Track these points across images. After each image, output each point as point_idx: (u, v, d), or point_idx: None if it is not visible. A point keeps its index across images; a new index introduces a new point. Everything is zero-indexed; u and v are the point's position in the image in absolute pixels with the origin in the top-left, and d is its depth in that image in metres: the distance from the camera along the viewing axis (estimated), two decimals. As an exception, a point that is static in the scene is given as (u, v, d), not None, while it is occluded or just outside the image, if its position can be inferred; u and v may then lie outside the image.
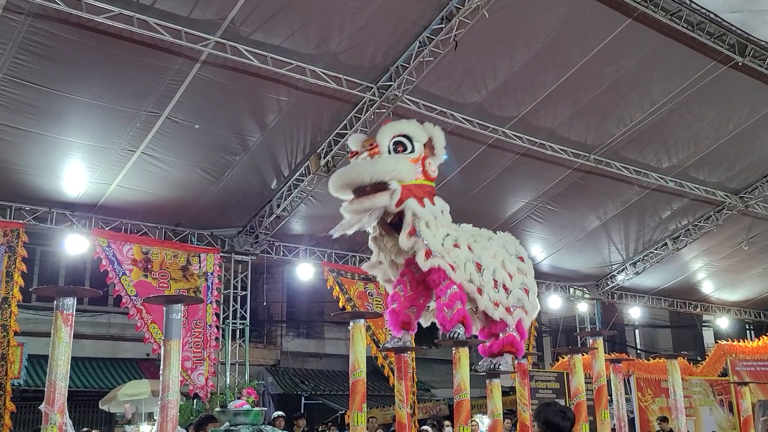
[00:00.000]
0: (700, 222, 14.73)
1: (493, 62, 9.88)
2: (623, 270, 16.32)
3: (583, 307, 17.23)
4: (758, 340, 16.20)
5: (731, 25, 9.87)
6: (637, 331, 24.94)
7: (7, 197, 10.34)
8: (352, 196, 4.71)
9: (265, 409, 8.42)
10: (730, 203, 14.09)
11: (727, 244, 15.73)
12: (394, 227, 4.82)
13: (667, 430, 11.90)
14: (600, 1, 9.16)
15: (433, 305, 4.95)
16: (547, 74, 10.21)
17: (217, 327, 11.91)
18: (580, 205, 13.63)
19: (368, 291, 13.35)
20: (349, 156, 4.84)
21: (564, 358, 13.56)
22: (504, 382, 5.89)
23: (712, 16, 9.68)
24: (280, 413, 11.14)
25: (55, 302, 3.49)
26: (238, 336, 12.56)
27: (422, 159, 4.84)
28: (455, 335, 4.58)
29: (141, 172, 10.21)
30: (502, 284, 5.02)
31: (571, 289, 16.90)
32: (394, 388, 5.16)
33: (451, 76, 9.93)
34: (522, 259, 5.41)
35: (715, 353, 15.54)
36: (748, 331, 22.64)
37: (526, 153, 11.61)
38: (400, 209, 4.64)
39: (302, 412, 13.81)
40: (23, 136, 9.18)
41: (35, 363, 13.82)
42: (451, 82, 10.05)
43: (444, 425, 11.96)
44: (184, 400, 11.67)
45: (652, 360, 14.66)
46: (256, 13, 8.31)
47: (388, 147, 4.71)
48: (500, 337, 5.07)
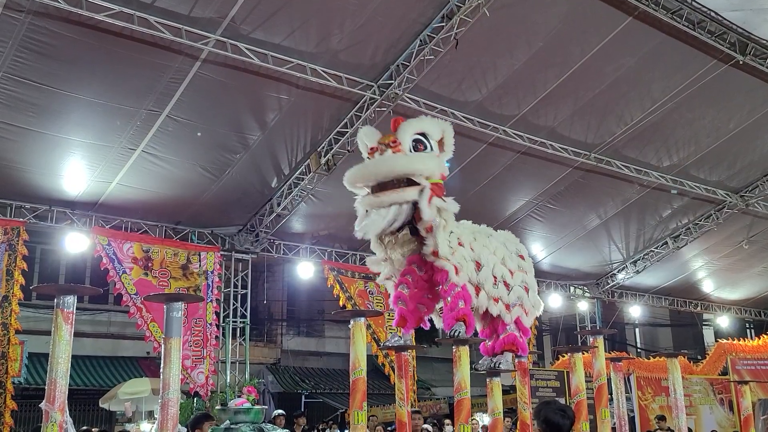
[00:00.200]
0: (701, 221, 14.72)
1: (493, 61, 9.88)
2: (623, 269, 16.31)
3: (584, 306, 17.23)
4: (758, 338, 16.20)
5: (732, 23, 9.86)
6: (638, 330, 24.94)
7: (8, 195, 10.34)
8: (369, 191, 4.53)
9: (266, 407, 8.44)
10: (731, 202, 14.08)
11: (728, 243, 15.73)
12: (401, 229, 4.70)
13: (665, 428, 11.90)
14: (601, 0, 9.16)
15: (441, 305, 4.95)
16: (547, 73, 10.21)
17: (218, 325, 11.92)
18: (581, 203, 13.63)
19: (368, 289, 13.35)
20: (369, 152, 4.59)
21: (564, 356, 13.55)
22: (504, 381, 5.88)
23: (712, 14, 9.67)
24: (280, 412, 11.15)
25: (56, 300, 3.48)
26: (239, 334, 12.57)
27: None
28: (456, 333, 4.58)
29: (141, 171, 10.21)
30: (502, 281, 5.02)
31: (572, 288, 16.90)
32: (395, 386, 5.17)
33: (451, 74, 9.92)
34: (522, 257, 5.40)
35: (716, 352, 15.53)
36: (749, 330, 22.64)
37: (526, 151, 11.61)
38: (433, 210, 4.50)
39: (302, 411, 13.79)
40: (23, 135, 9.18)
41: (35, 361, 13.83)
42: (452, 80, 10.05)
43: (444, 424, 11.92)
44: (185, 399, 11.67)
45: (652, 359, 14.66)
46: (256, 12, 8.30)
47: (409, 146, 4.60)
48: (501, 336, 5.07)
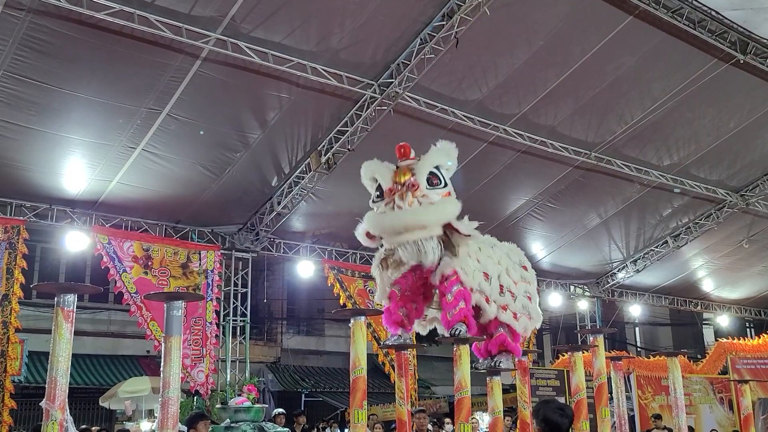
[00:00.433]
0: (701, 220, 14.72)
1: (494, 59, 9.87)
2: (624, 268, 16.31)
3: (584, 305, 17.23)
4: (758, 338, 16.20)
5: (732, 22, 9.86)
6: (638, 329, 24.93)
7: (8, 194, 10.34)
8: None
9: (266, 406, 8.43)
10: (731, 201, 14.08)
11: (728, 242, 15.73)
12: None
13: (661, 427, 11.91)
14: (601, -1, 9.18)
15: (431, 314, 4.99)
16: (548, 72, 10.20)
17: (218, 324, 11.93)
18: (581, 202, 13.62)
19: (368, 288, 13.36)
20: (388, 194, 4.58)
21: (564, 355, 13.55)
22: (504, 380, 5.90)
23: (713, 13, 9.67)
24: (280, 410, 11.17)
25: (56, 299, 3.48)
26: (239, 333, 12.57)
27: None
28: (456, 332, 4.59)
29: (141, 169, 10.21)
30: (508, 290, 5.06)
31: (572, 287, 16.91)
32: (395, 385, 5.17)
33: (452, 73, 9.92)
34: (525, 268, 5.44)
35: (716, 351, 15.53)
36: (749, 329, 22.66)
37: (526, 150, 11.60)
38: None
39: (302, 410, 13.80)
40: (24, 133, 9.17)
41: (35, 360, 13.83)
42: (452, 79, 10.04)
43: (444, 422, 11.93)
44: (185, 397, 11.68)
45: (652, 358, 14.66)
46: (256, 10, 8.30)
47: (425, 184, 4.60)
48: (493, 336, 5.09)
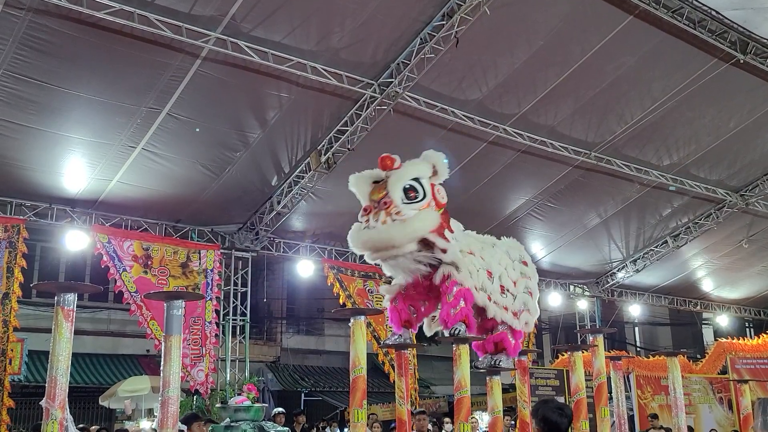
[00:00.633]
0: (701, 220, 14.72)
1: (494, 59, 9.87)
2: (623, 267, 16.30)
3: (583, 305, 17.22)
4: (758, 338, 16.23)
5: (733, 22, 9.86)
6: (637, 329, 24.94)
7: (8, 193, 10.33)
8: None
9: (266, 405, 8.43)
10: (731, 201, 14.08)
11: (728, 242, 15.72)
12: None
13: (658, 426, 11.92)
14: (601, -2, 9.17)
15: (437, 313, 5.00)
16: (548, 71, 10.20)
17: (217, 323, 11.92)
18: (581, 202, 13.62)
19: (368, 288, 13.36)
20: (363, 214, 4.64)
21: (564, 355, 13.56)
22: (504, 380, 5.91)
23: (713, 13, 9.67)
24: (280, 410, 11.17)
25: (56, 298, 3.49)
26: (239, 332, 12.56)
27: (432, 190, 4.77)
28: (456, 332, 4.59)
29: (141, 169, 10.20)
30: (508, 290, 5.08)
31: (571, 287, 16.90)
32: (395, 384, 5.18)
33: (452, 72, 9.92)
34: (525, 263, 5.45)
35: (715, 351, 15.55)
36: (748, 329, 22.68)
37: (526, 150, 11.60)
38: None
39: (302, 409, 13.81)
40: (24, 132, 9.17)
41: (35, 359, 13.82)
42: (452, 78, 10.04)
43: (444, 422, 11.93)
44: (185, 397, 11.68)
45: (651, 357, 14.68)
46: (256, 10, 8.29)
47: (401, 197, 4.58)
48: (493, 334, 5.11)
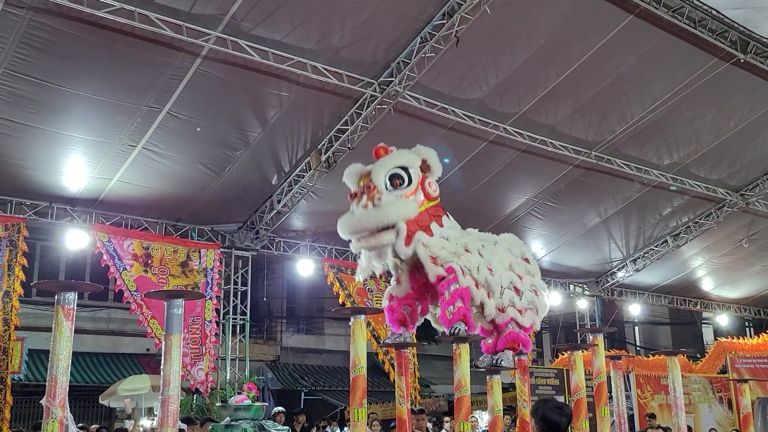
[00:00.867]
0: (701, 219, 14.71)
1: (494, 58, 9.87)
2: (623, 267, 16.30)
3: (583, 304, 17.22)
4: (758, 337, 16.24)
5: (733, 21, 9.85)
6: (637, 328, 24.94)
7: (8, 192, 10.34)
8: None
9: (266, 404, 8.42)
10: (731, 200, 14.08)
11: (728, 242, 15.72)
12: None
13: (655, 426, 11.92)
14: (602, -2, 9.16)
15: (438, 310, 5.00)
16: (548, 71, 10.20)
17: (217, 322, 11.92)
18: (581, 201, 13.62)
19: (368, 287, 13.37)
20: (350, 198, 4.85)
21: (564, 354, 13.56)
22: (504, 379, 5.91)
23: (714, 12, 9.67)
24: (280, 409, 11.16)
25: (57, 297, 3.49)
26: (239, 331, 12.56)
27: (420, 182, 4.82)
28: (456, 331, 4.59)
29: (142, 168, 10.20)
30: (513, 287, 5.06)
31: (571, 286, 16.90)
32: (395, 384, 5.18)
33: (452, 72, 9.91)
34: (527, 260, 5.43)
35: (715, 350, 15.56)
36: (748, 329, 22.68)
37: (527, 149, 11.59)
38: (412, 247, 4.69)
39: (302, 408, 13.81)
40: (24, 131, 9.17)
41: (35, 357, 13.83)
42: (453, 78, 10.04)
43: (444, 421, 11.95)
44: (185, 396, 11.68)
45: (651, 357, 14.67)
46: (257, 9, 8.29)
47: (385, 184, 4.69)
48: (503, 334, 5.10)
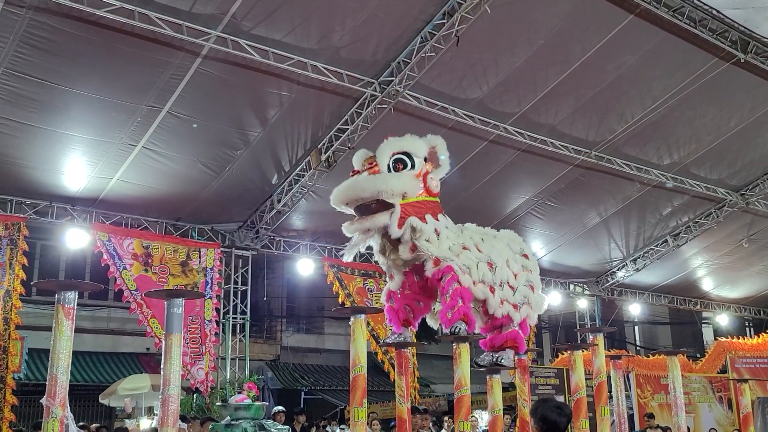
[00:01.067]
0: (701, 219, 14.71)
1: (494, 58, 9.87)
2: (623, 267, 16.31)
3: (583, 304, 17.23)
4: (758, 337, 16.24)
5: (734, 21, 9.85)
6: (637, 328, 24.95)
7: (8, 191, 10.33)
8: (354, 215, 4.76)
9: (266, 403, 8.42)
10: (731, 200, 14.08)
11: (728, 242, 15.72)
12: (398, 241, 4.80)
13: (654, 426, 11.92)
14: (602, -2, 9.16)
15: (438, 307, 5.00)
16: (548, 70, 10.20)
17: (217, 322, 11.92)
18: (581, 201, 13.62)
19: (367, 287, 13.36)
20: (351, 174, 4.85)
21: (564, 354, 13.56)
22: (504, 379, 5.91)
23: (714, 12, 9.66)
24: (280, 408, 11.16)
25: (57, 296, 3.50)
26: (239, 331, 12.57)
27: (423, 175, 4.79)
28: (456, 331, 4.59)
29: (142, 167, 10.20)
30: (507, 282, 5.06)
31: (571, 286, 16.90)
32: (395, 383, 5.18)
33: (452, 71, 9.91)
34: (526, 256, 5.43)
35: (715, 350, 15.56)
36: (748, 329, 22.69)
37: (527, 149, 11.59)
38: (403, 229, 4.63)
39: (302, 408, 13.81)
40: (24, 130, 9.17)
41: (35, 357, 13.84)
42: (453, 77, 10.04)
43: (443, 421, 11.95)
44: (185, 395, 11.68)
45: (651, 357, 14.67)
46: (257, 8, 8.29)
47: (388, 165, 4.68)
48: (503, 332, 5.10)
